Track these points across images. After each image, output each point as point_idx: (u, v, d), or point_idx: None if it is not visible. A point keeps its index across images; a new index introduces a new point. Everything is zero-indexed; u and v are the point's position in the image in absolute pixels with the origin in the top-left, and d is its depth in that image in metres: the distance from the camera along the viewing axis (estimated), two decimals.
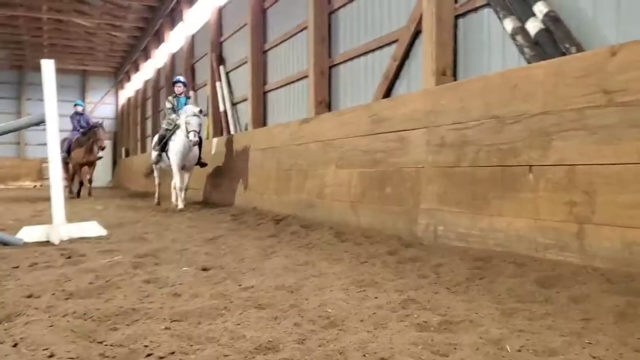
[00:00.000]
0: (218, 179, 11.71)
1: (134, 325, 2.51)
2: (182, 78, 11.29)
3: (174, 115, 10.38)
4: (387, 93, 6.94)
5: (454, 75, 5.87)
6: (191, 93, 16.62)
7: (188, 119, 9.55)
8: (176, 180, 10.10)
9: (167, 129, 10.45)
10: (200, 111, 9.88)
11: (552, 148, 4.03)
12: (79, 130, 14.60)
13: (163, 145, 10.41)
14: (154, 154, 10.80)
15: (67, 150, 14.39)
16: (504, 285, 3.34)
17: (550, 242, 3.95)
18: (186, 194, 10.45)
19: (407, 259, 4.33)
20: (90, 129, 14.17)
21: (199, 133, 9.65)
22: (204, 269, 4.00)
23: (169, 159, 10.21)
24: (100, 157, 14.79)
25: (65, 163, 14.98)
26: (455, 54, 5.90)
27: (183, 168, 10.15)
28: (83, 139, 14.19)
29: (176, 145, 9.94)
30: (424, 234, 5.15)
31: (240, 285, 3.43)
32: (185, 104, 10.46)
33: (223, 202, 10.89)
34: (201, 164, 10.65)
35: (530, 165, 4.19)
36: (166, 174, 11.51)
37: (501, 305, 2.93)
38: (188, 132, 9.50)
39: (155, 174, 11.37)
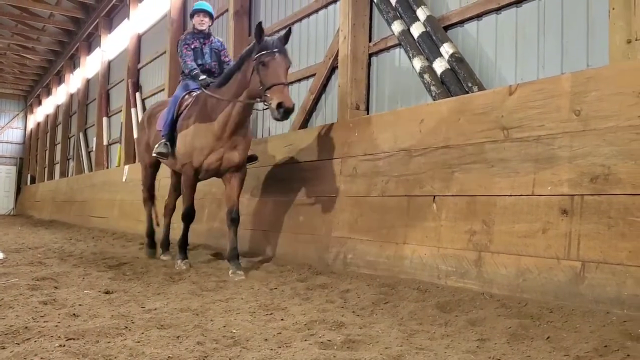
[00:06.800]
0: (126, 207, 11.35)
1: (24, 343, 2.39)
2: None
3: None
4: (304, 124, 7.06)
5: (367, 109, 6.08)
6: (104, 119, 16.09)
7: None
8: None
9: None
10: None
11: (454, 180, 4.24)
12: (193, 78, 5.79)
13: None
14: None
15: (169, 131, 5.66)
16: (407, 309, 3.45)
17: (452, 269, 4.11)
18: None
19: (316, 285, 4.37)
20: (244, 58, 5.09)
21: None
22: (107, 292, 3.86)
23: None
24: (254, 160, 6.04)
25: (155, 166, 6.77)
26: (368, 89, 6.13)
27: None
28: (214, 101, 5.31)
29: None
30: (334, 262, 5.22)
31: (143, 308, 3.35)
32: None
33: (132, 231, 10.55)
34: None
35: (434, 196, 4.38)
36: None
37: (403, 327, 3.03)
38: None
39: None
